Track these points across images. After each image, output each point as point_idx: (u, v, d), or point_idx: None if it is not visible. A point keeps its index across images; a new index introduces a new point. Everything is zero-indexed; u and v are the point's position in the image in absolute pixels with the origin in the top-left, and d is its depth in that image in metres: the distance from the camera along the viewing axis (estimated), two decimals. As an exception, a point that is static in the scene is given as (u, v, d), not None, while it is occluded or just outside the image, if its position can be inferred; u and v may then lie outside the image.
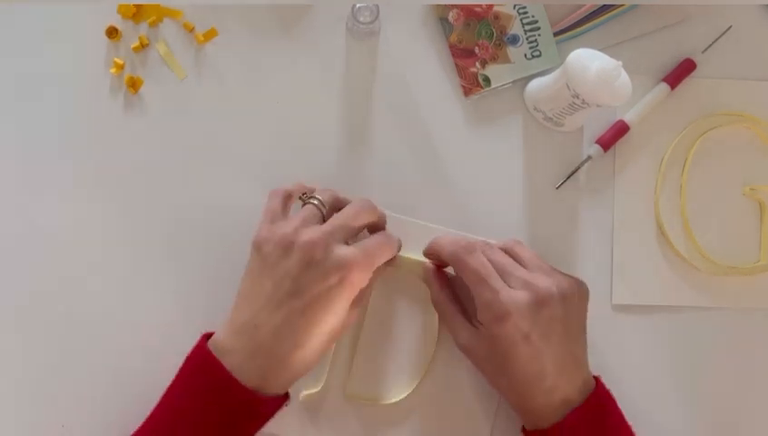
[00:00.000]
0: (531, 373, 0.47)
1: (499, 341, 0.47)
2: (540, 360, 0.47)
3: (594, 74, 0.49)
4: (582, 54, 0.50)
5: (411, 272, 0.54)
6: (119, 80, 0.57)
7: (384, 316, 0.55)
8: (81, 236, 0.55)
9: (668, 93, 0.58)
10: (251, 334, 0.46)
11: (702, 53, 0.58)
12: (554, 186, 0.57)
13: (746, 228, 0.58)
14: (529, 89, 0.57)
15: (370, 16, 0.54)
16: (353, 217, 0.48)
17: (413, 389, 0.54)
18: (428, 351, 0.54)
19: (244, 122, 0.57)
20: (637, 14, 0.58)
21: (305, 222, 0.47)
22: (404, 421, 0.54)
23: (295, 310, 0.45)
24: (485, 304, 0.47)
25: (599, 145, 0.57)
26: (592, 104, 0.51)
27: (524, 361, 0.47)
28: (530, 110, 0.57)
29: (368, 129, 0.57)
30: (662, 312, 0.57)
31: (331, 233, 0.46)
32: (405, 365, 0.54)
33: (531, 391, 0.47)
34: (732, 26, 0.59)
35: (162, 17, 0.57)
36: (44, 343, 0.54)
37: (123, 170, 0.56)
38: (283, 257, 0.46)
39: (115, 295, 0.55)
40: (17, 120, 0.56)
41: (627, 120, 0.57)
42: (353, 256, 0.46)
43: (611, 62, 0.49)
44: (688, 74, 0.58)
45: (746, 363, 0.57)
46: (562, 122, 0.56)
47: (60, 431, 0.54)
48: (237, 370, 0.45)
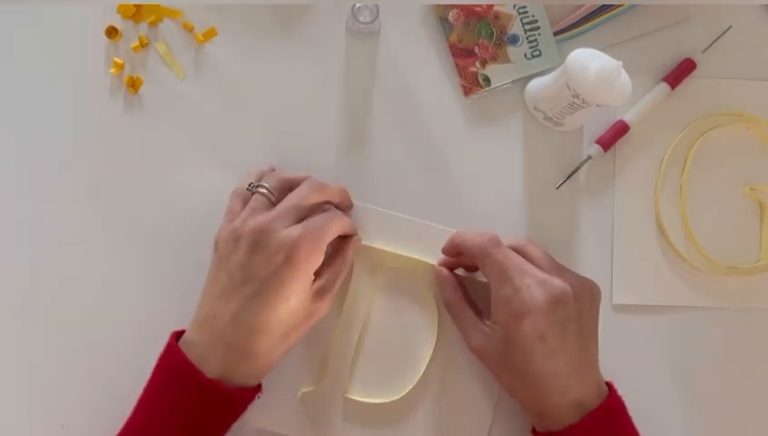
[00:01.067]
0: (546, 373, 0.47)
1: (515, 340, 0.47)
2: (555, 359, 0.47)
3: (594, 74, 0.49)
4: (582, 53, 0.50)
5: (410, 271, 0.54)
6: (119, 80, 0.57)
7: (384, 316, 0.55)
8: (81, 236, 0.55)
9: (668, 92, 0.58)
10: (211, 325, 0.47)
11: (702, 53, 0.58)
12: (554, 186, 0.57)
13: (746, 228, 0.58)
14: (529, 89, 0.57)
15: (370, 16, 0.54)
16: (303, 197, 0.49)
17: (412, 387, 0.54)
18: (427, 350, 0.54)
19: (244, 121, 0.57)
20: (637, 14, 0.58)
21: (253, 212, 0.48)
22: (403, 420, 0.54)
23: (248, 296, 0.46)
24: (504, 301, 0.47)
25: (599, 145, 0.57)
26: (592, 104, 0.50)
27: (539, 361, 0.47)
28: (530, 109, 0.57)
29: (368, 129, 0.57)
30: (662, 312, 0.57)
31: (276, 217, 0.47)
32: (404, 364, 0.54)
33: (545, 391, 0.47)
34: (732, 26, 0.59)
35: (162, 17, 0.57)
36: (44, 343, 0.54)
37: (122, 169, 0.56)
38: (233, 249, 0.48)
39: (116, 295, 0.55)
40: (17, 120, 0.56)
41: (627, 120, 0.57)
42: (297, 234, 0.47)
43: (611, 62, 0.49)
44: (688, 73, 0.58)
45: (746, 363, 0.57)
46: (562, 121, 0.56)
47: (60, 430, 0.54)
48: (201, 361, 0.47)
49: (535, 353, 0.47)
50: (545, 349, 0.47)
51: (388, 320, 0.55)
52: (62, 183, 0.56)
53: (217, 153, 0.56)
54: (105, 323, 0.55)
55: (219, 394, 0.46)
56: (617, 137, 0.57)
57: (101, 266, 0.55)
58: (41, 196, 0.56)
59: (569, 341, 0.47)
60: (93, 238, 0.55)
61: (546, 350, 0.47)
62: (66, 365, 0.54)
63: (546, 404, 0.48)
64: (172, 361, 0.48)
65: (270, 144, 0.56)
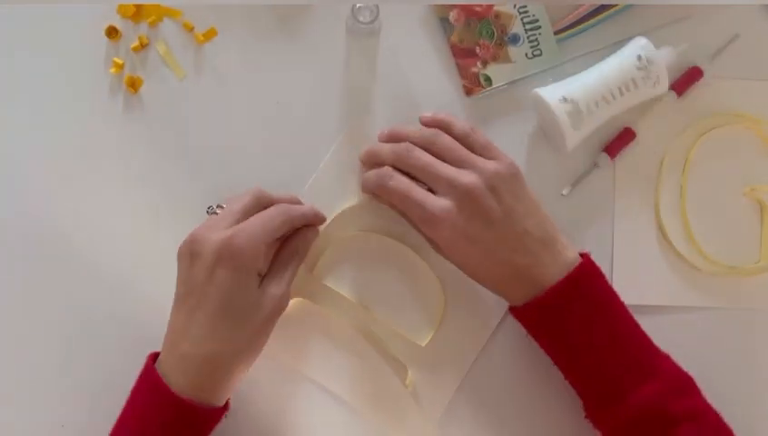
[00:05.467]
0: (489, 265, 0.49)
1: (447, 246, 0.49)
2: (491, 250, 0.48)
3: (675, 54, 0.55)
4: None
5: None
6: (119, 80, 0.56)
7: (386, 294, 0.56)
8: (81, 235, 0.55)
9: (675, 100, 0.58)
10: (172, 343, 0.47)
11: (709, 61, 0.58)
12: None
13: (746, 228, 0.58)
14: (572, 80, 0.55)
15: (370, 16, 0.54)
16: (239, 204, 0.49)
17: None
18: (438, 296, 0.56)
19: (244, 121, 0.57)
20: (637, 12, 0.58)
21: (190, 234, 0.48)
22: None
23: (193, 307, 0.46)
24: (418, 219, 0.49)
25: (606, 153, 0.57)
26: (647, 86, 0.53)
27: (476, 256, 0.49)
28: (550, 102, 0.54)
29: (368, 129, 0.57)
30: (662, 312, 0.57)
31: (209, 226, 0.47)
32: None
33: (499, 281, 0.50)
34: (738, 34, 0.58)
35: (162, 17, 0.57)
36: (44, 343, 0.55)
37: (122, 169, 0.56)
38: (179, 268, 0.48)
39: (115, 295, 0.55)
40: (17, 120, 0.56)
41: (634, 128, 0.57)
42: (228, 234, 0.46)
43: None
44: (695, 81, 0.58)
45: (746, 363, 0.57)
46: (580, 121, 0.54)
47: (60, 430, 0.54)
48: (168, 379, 0.46)
49: (466, 253, 0.49)
50: (474, 247, 0.48)
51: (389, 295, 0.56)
52: (62, 183, 0.56)
53: (217, 152, 0.56)
54: (106, 323, 0.55)
55: (183, 411, 0.46)
56: (624, 145, 0.57)
57: (100, 265, 0.55)
58: (41, 196, 0.56)
59: (500, 229, 0.48)
60: (93, 237, 0.55)
61: (475, 248, 0.48)
62: (66, 365, 0.54)
63: (503, 289, 0.50)
64: (146, 379, 0.48)
65: (270, 144, 0.56)
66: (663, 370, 0.49)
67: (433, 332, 0.55)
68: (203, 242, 0.46)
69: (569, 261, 0.49)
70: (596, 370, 0.49)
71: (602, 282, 0.50)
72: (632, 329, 0.50)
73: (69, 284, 0.55)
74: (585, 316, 0.49)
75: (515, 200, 0.49)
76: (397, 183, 0.50)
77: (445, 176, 0.49)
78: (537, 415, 0.55)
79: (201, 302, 0.46)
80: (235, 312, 0.46)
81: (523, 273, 0.49)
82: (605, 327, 0.49)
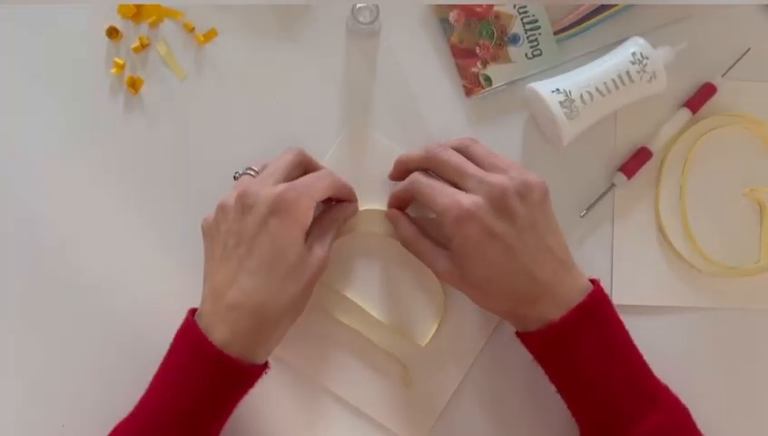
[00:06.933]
0: (508, 271, 0.47)
1: (467, 246, 0.48)
2: (513, 254, 0.47)
3: (672, 52, 0.54)
4: None
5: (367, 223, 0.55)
6: (119, 80, 0.57)
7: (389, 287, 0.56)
8: (80, 235, 0.55)
9: (689, 117, 0.57)
10: (215, 295, 0.47)
11: (721, 76, 0.57)
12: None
13: (746, 228, 0.58)
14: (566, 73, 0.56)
15: (370, 16, 0.54)
16: (284, 161, 0.50)
17: None
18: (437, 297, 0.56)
19: (244, 122, 0.57)
20: (639, 11, 0.58)
21: (237, 187, 0.49)
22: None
23: (243, 256, 0.47)
24: (445, 209, 0.48)
25: (622, 173, 0.56)
26: (643, 81, 0.53)
27: (497, 260, 0.47)
28: (544, 94, 0.54)
29: (368, 130, 0.57)
30: (662, 312, 0.57)
31: (258, 181, 0.48)
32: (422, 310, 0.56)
33: (514, 298, 0.48)
34: (750, 48, 0.58)
35: (163, 17, 0.57)
36: (44, 343, 0.55)
37: (122, 169, 0.56)
38: (223, 220, 0.48)
39: (115, 295, 0.55)
40: (17, 120, 0.56)
41: (650, 147, 0.57)
42: (280, 189, 0.47)
43: None
44: (709, 98, 0.57)
45: (746, 363, 0.57)
46: (576, 114, 0.54)
47: (60, 430, 0.54)
48: (209, 332, 0.46)
49: (488, 252, 0.47)
50: (498, 245, 0.47)
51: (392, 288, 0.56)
52: (62, 183, 0.56)
53: (217, 152, 0.56)
54: (106, 323, 0.55)
55: (225, 366, 0.46)
56: (640, 164, 0.57)
57: (100, 265, 0.55)
58: (40, 196, 0.56)
59: (524, 235, 0.47)
60: (93, 237, 0.55)
61: (499, 246, 0.47)
62: (66, 365, 0.54)
63: (518, 309, 0.48)
64: (186, 334, 0.48)
65: (270, 144, 0.56)
66: (662, 402, 0.48)
67: (433, 332, 0.55)
68: (256, 196, 0.47)
69: (584, 287, 0.49)
70: (600, 400, 0.48)
71: (612, 310, 0.50)
72: (636, 358, 0.49)
73: (69, 284, 0.55)
74: (596, 343, 0.48)
75: (541, 213, 0.49)
76: (427, 181, 0.50)
77: (475, 174, 0.49)
78: (537, 415, 0.55)
79: (253, 252, 0.47)
80: (286, 264, 0.47)
81: (541, 291, 0.48)
82: (613, 356, 0.48)
